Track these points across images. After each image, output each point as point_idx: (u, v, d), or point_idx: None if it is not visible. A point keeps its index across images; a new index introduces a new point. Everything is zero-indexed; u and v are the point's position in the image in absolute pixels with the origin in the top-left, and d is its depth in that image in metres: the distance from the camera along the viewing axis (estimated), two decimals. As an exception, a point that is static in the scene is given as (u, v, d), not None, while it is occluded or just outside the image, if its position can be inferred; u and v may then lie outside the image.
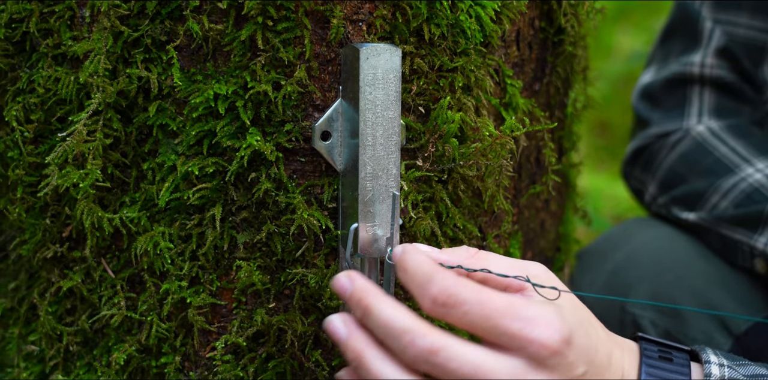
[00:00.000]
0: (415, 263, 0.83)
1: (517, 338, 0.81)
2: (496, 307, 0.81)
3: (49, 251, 1.02)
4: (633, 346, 0.91)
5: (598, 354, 0.86)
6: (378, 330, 0.81)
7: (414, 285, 0.83)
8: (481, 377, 0.80)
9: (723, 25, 1.42)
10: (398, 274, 0.86)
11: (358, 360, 0.82)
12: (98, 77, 0.96)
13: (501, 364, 0.81)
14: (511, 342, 0.81)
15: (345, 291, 0.84)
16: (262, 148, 0.95)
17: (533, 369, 0.81)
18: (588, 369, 0.83)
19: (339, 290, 0.85)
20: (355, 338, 0.83)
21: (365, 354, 0.82)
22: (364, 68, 0.93)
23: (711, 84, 1.44)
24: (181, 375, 1.02)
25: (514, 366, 0.81)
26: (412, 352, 0.79)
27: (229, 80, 0.95)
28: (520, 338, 0.81)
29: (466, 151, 1.02)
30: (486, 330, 0.81)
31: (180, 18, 0.95)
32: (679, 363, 0.90)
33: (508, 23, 1.05)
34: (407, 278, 0.84)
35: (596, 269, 1.40)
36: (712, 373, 0.89)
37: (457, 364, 0.79)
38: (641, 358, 0.89)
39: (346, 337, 0.83)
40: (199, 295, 1.00)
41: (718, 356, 0.91)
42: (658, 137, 1.47)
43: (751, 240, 1.31)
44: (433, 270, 0.82)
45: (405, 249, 0.86)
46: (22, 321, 1.07)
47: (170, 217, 0.99)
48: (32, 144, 1.01)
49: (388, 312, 0.81)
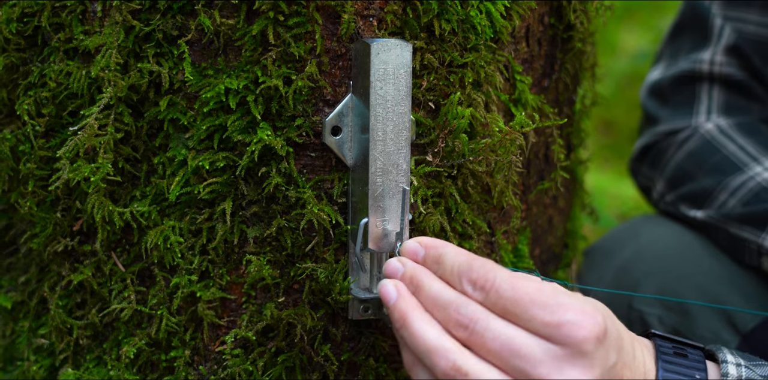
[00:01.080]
0: (451, 254, 0.88)
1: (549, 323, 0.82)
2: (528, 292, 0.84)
3: (60, 245, 1.03)
4: (647, 342, 0.92)
5: (625, 342, 0.87)
6: (427, 301, 0.87)
7: (453, 273, 0.87)
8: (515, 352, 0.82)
9: (733, 22, 1.42)
10: (431, 267, 0.89)
11: (402, 320, 0.87)
12: (109, 71, 0.96)
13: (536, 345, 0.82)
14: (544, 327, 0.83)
15: (398, 272, 0.90)
16: (273, 143, 0.96)
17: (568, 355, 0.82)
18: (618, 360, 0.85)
19: (392, 271, 0.91)
20: (404, 301, 0.88)
21: (410, 316, 0.87)
22: (374, 63, 0.93)
23: (720, 81, 1.44)
24: (191, 368, 1.02)
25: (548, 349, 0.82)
26: (455, 319, 0.84)
27: (240, 75, 0.96)
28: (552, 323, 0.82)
29: (475, 146, 1.02)
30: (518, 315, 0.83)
31: (191, 12, 0.95)
32: (694, 359, 0.90)
33: (518, 19, 1.06)
34: (444, 269, 0.88)
35: (604, 266, 1.40)
36: (729, 373, 0.89)
37: (494, 335, 0.83)
38: (657, 354, 0.90)
39: (395, 299, 0.89)
40: (209, 289, 1.00)
41: (735, 356, 0.91)
42: (666, 134, 1.47)
43: (759, 239, 1.31)
44: (470, 257, 0.87)
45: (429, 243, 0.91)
46: (32, 315, 1.08)
47: (180, 211, 1.00)
48: (43, 138, 1.01)
49: (437, 286, 0.87)
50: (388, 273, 0.91)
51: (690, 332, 1.31)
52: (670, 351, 0.91)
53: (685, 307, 1.31)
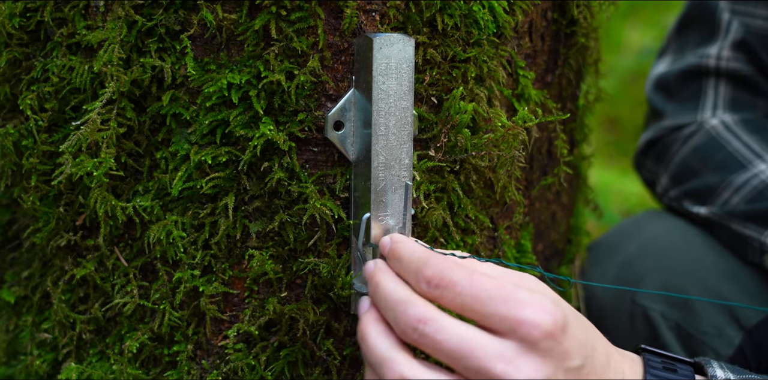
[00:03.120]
0: (409, 250, 0.87)
1: (507, 319, 0.80)
2: (486, 288, 0.82)
3: (63, 239, 1.03)
4: (635, 357, 0.91)
5: (596, 351, 0.85)
6: (380, 303, 0.86)
7: (410, 271, 0.86)
8: (467, 352, 0.80)
9: (741, 16, 1.41)
10: (391, 265, 0.88)
11: (361, 333, 0.87)
12: (112, 66, 0.96)
13: (490, 342, 0.80)
14: (501, 323, 0.81)
15: (369, 271, 0.90)
16: (275, 138, 0.96)
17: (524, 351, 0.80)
18: (585, 364, 0.82)
19: (366, 271, 0.90)
20: (366, 314, 0.88)
21: (367, 328, 0.86)
22: (377, 58, 0.93)
23: (727, 77, 1.43)
24: (193, 363, 1.02)
25: (504, 346, 0.80)
26: (403, 321, 0.82)
27: (243, 70, 0.96)
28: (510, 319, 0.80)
29: (478, 141, 1.02)
30: (476, 311, 0.82)
31: (194, 7, 0.96)
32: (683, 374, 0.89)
33: (520, 14, 1.05)
34: (402, 265, 0.87)
35: (607, 261, 1.40)
36: None
37: (445, 336, 0.81)
38: (645, 369, 0.88)
39: (363, 313, 0.88)
40: (211, 284, 1.00)
41: (724, 370, 0.90)
42: (671, 129, 1.46)
43: (762, 237, 1.31)
44: (428, 254, 0.86)
45: (395, 238, 0.90)
46: (35, 309, 1.08)
47: (183, 206, 1.00)
48: (46, 132, 1.01)
49: (391, 285, 0.86)
50: (365, 274, 0.91)
51: (693, 327, 1.30)
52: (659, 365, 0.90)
53: (688, 303, 1.31)
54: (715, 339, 1.29)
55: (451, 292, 0.83)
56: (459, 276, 0.83)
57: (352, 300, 1.00)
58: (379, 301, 0.86)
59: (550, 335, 0.80)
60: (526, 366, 0.80)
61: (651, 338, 1.32)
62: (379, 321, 0.86)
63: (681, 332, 1.31)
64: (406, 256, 0.87)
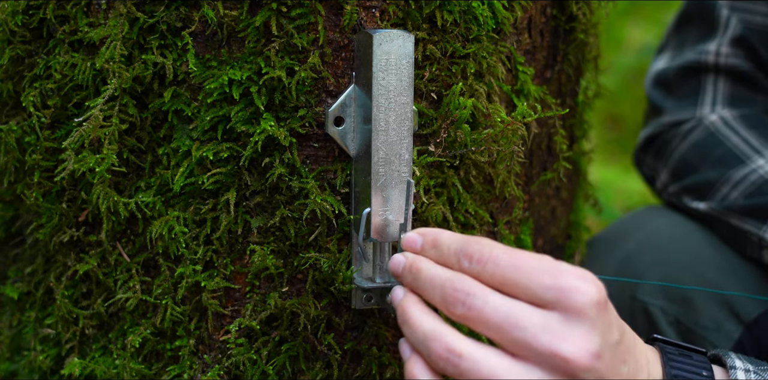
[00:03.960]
0: (447, 235, 0.89)
1: (551, 288, 0.81)
2: (527, 261, 0.83)
3: (66, 235, 1.04)
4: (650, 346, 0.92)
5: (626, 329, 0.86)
6: (425, 285, 0.87)
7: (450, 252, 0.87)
8: (513, 323, 0.80)
9: (740, 13, 1.42)
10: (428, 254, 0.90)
11: (403, 315, 0.88)
12: (114, 63, 0.97)
13: (535, 314, 0.81)
14: (546, 293, 0.81)
15: (400, 265, 0.91)
16: (276, 134, 0.96)
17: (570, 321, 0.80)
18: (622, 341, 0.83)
19: (395, 265, 0.91)
20: (407, 298, 0.89)
21: (409, 309, 0.87)
22: (377, 54, 0.94)
23: (726, 73, 1.44)
24: (195, 358, 1.03)
25: (549, 317, 0.80)
26: (452, 295, 0.84)
27: (244, 66, 0.96)
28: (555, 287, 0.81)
29: (477, 137, 1.03)
30: (519, 284, 0.82)
31: (195, 4, 0.96)
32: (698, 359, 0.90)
33: (520, 10, 1.06)
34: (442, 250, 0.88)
35: (607, 257, 1.41)
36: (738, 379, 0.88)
37: (492, 308, 0.82)
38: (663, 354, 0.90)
39: (400, 299, 0.89)
40: (213, 279, 1.01)
41: (743, 361, 0.91)
42: (670, 125, 1.47)
43: (760, 231, 1.31)
44: (467, 237, 0.88)
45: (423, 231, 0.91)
46: (38, 305, 1.09)
47: (185, 202, 1.01)
48: (49, 129, 1.02)
49: (434, 269, 0.87)
50: (392, 268, 0.92)
51: (693, 322, 1.31)
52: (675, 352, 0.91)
53: (688, 298, 1.31)
54: (714, 334, 1.29)
55: (493, 266, 0.83)
56: (499, 250, 0.84)
57: (352, 294, 1.01)
58: (424, 284, 0.87)
59: (597, 303, 0.80)
60: (574, 336, 0.80)
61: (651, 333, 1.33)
62: (420, 302, 0.88)
63: (680, 327, 1.31)
64: (445, 240, 0.88)
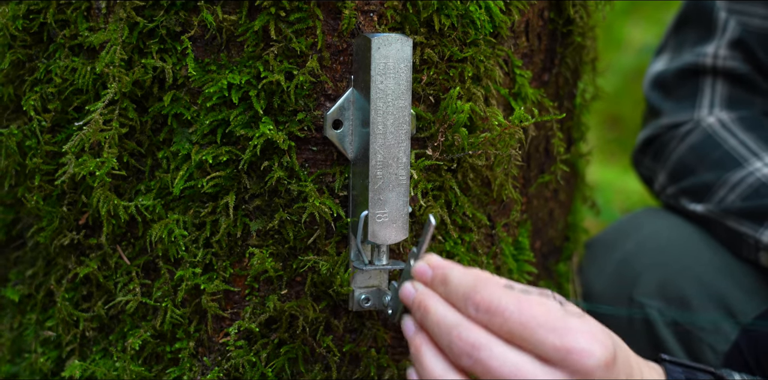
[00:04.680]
0: (457, 275, 0.86)
1: (559, 349, 0.80)
2: (535, 315, 0.82)
3: (66, 238, 1.04)
4: (656, 367, 0.92)
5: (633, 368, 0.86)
6: (432, 327, 0.85)
7: (458, 295, 0.85)
8: (521, 378, 0.80)
9: (738, 15, 1.42)
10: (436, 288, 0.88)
11: (415, 354, 0.87)
12: (114, 67, 0.98)
13: (542, 372, 0.80)
14: (553, 353, 0.80)
15: (410, 297, 0.89)
16: (275, 137, 0.97)
17: None
18: None
19: (405, 296, 0.90)
20: (418, 336, 0.87)
21: (421, 349, 0.86)
22: (375, 58, 0.94)
23: (723, 75, 1.44)
24: (195, 360, 1.03)
25: (556, 376, 0.80)
26: (457, 346, 0.83)
27: (243, 70, 0.97)
28: (562, 348, 0.80)
29: (475, 140, 1.03)
30: (526, 339, 0.81)
31: (194, 9, 0.97)
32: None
33: (517, 14, 1.06)
34: (449, 290, 0.86)
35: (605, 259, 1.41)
36: None
37: (498, 363, 0.81)
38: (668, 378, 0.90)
39: (411, 334, 0.88)
40: (212, 282, 1.01)
41: None
42: (669, 127, 1.47)
43: (757, 234, 1.32)
44: (476, 278, 0.85)
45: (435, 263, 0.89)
46: (39, 308, 1.09)
47: (184, 205, 1.01)
48: (49, 133, 1.03)
49: (442, 310, 0.86)
50: (403, 299, 0.91)
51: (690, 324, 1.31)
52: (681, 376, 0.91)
53: (685, 300, 1.32)
54: (711, 335, 1.30)
55: (500, 318, 0.82)
56: (507, 301, 0.83)
57: (351, 297, 1.02)
58: (431, 327, 0.86)
59: (605, 364, 0.80)
60: None
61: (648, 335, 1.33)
62: (431, 342, 0.86)
63: (678, 328, 1.32)
64: (454, 281, 0.86)
